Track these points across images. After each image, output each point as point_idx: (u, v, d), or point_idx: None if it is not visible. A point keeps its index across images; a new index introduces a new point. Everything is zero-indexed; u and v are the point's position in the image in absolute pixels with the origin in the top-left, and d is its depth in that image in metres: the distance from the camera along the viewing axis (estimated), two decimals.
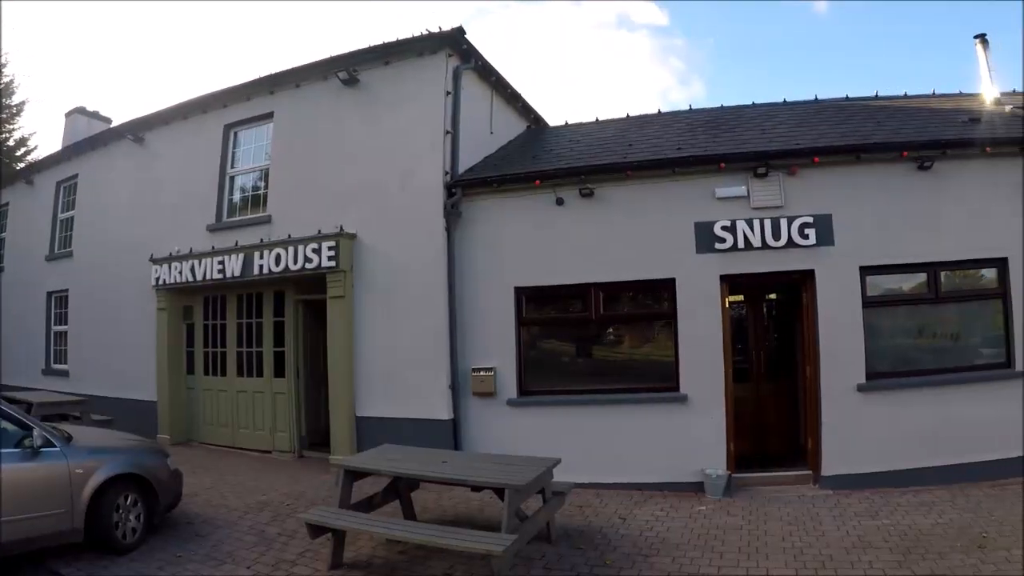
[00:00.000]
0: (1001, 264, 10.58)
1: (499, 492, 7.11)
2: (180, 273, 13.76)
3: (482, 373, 10.90)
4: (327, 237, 11.75)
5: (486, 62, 12.64)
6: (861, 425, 10.08)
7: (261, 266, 12.42)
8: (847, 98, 14.13)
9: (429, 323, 11.09)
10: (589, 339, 11.17)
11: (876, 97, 14.18)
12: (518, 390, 10.90)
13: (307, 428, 13.14)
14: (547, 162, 11.83)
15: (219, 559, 7.51)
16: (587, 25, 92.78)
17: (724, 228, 10.27)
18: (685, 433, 10.16)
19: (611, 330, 11.35)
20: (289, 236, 12.20)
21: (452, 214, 11.14)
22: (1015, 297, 10.49)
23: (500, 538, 6.43)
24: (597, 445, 10.31)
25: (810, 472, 10.37)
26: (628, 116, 14.63)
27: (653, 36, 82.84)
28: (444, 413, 10.96)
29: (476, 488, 8.16)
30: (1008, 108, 12.76)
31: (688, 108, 14.59)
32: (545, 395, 10.84)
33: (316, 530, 7.18)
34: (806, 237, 10.18)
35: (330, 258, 11.66)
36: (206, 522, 8.80)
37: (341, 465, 7.88)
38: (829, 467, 10.08)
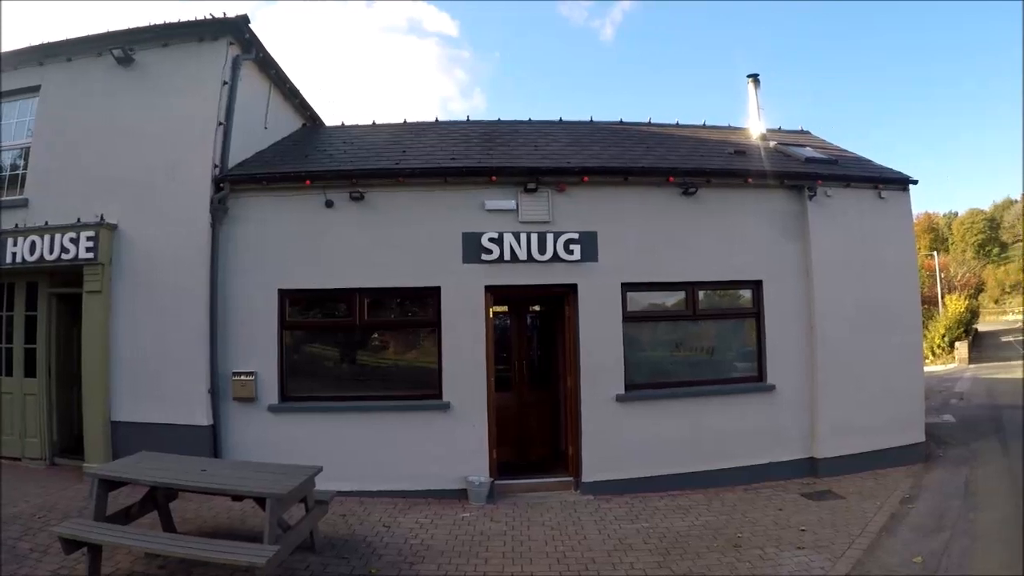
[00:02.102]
0: (756, 286, 11.65)
1: (260, 502, 6.97)
2: None
3: (243, 377, 10.57)
4: (86, 227, 11.07)
5: (267, 54, 12.39)
6: (620, 433, 10.69)
7: (14, 254, 11.54)
8: (621, 122, 15.00)
9: (191, 323, 10.65)
10: (354, 345, 11.13)
11: (649, 123, 15.12)
12: (280, 396, 10.66)
13: (60, 433, 12.29)
14: (319, 162, 11.73)
15: None
16: (377, 27, 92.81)
17: (492, 240, 10.58)
18: (448, 441, 10.36)
19: (376, 336, 11.35)
20: (46, 223, 11.43)
21: (219, 210, 10.74)
22: (767, 317, 11.53)
23: (263, 549, 6.36)
24: (361, 453, 10.31)
25: (572, 478, 10.84)
26: (405, 122, 14.76)
27: (442, 45, 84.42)
28: (204, 419, 10.54)
29: (237, 497, 7.90)
30: (772, 144, 13.85)
31: (466, 119, 14.96)
32: (308, 401, 10.70)
33: (70, 545, 6.73)
34: (571, 253, 10.71)
35: (88, 249, 10.97)
36: None
37: (95, 474, 7.42)
38: (590, 473, 10.60)
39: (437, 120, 14.90)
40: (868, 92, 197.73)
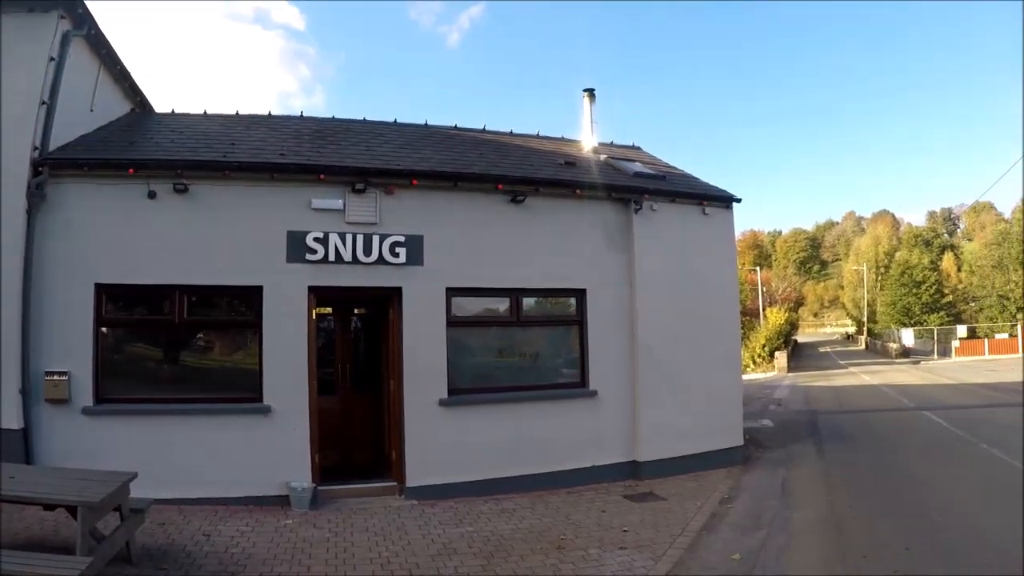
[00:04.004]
0: (580, 294, 11.96)
1: (72, 511, 6.54)
2: None
3: (56, 377, 9.78)
4: None
5: (100, 32, 11.50)
6: (444, 438, 10.69)
7: None
8: (455, 127, 15.12)
9: (2, 317, 9.80)
10: (176, 345, 10.65)
11: (483, 130, 15.29)
12: (95, 397, 9.93)
13: None
14: (145, 150, 11.14)
15: None
16: (221, 14, 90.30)
17: (317, 239, 10.31)
18: (270, 445, 9.98)
19: (200, 336, 10.92)
20: None
21: (36, 195, 9.88)
22: (590, 324, 11.84)
23: (75, 561, 5.97)
24: (181, 458, 9.74)
25: (396, 483, 10.72)
26: (238, 114, 14.32)
27: (288, 39, 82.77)
28: (14, 422, 9.66)
29: (49, 507, 7.34)
30: (603, 157, 14.26)
31: (299, 115, 14.58)
32: (125, 403, 10.04)
33: None
34: (397, 255, 10.60)
35: None
36: None
37: None
38: (414, 478, 10.52)
39: (270, 114, 14.47)
40: (708, 114, 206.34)
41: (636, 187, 12.52)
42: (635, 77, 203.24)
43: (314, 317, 10.54)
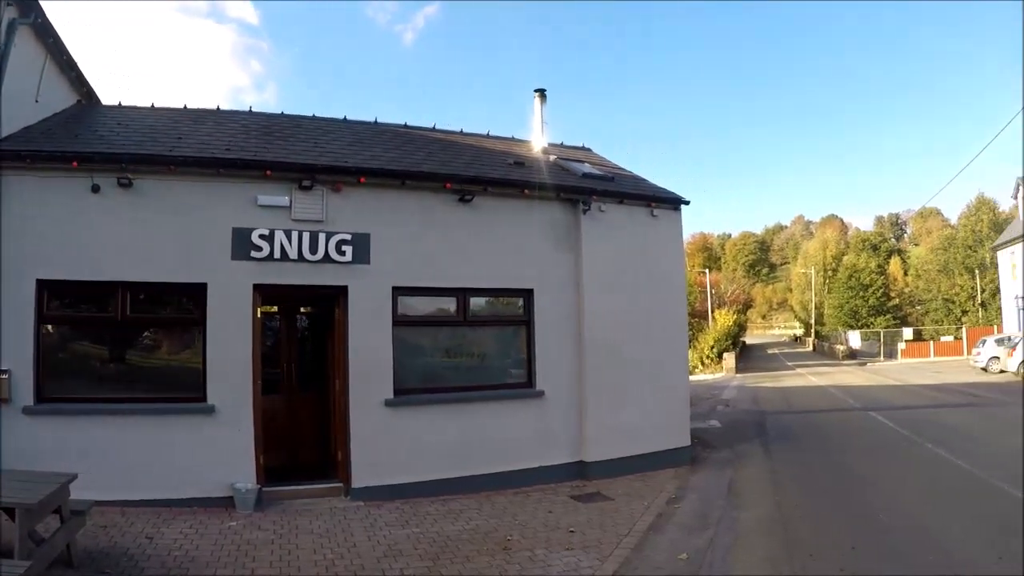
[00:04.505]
0: (527, 295, 12.04)
1: (10, 512, 6.40)
2: None
3: None
4: None
5: (47, 20, 11.26)
6: (390, 438, 10.67)
7: None
8: (405, 125, 15.13)
9: None
10: (120, 343, 10.46)
11: (433, 129, 15.33)
12: (36, 396, 9.70)
13: None
14: (90, 143, 10.90)
15: None
16: (173, 7, 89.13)
17: (262, 237, 10.19)
18: (214, 446, 9.84)
19: (145, 334, 10.76)
20: None
21: None
22: (538, 325, 11.93)
23: (14, 565, 5.86)
24: (123, 459, 9.56)
25: (341, 484, 10.66)
26: (186, 107, 13.96)
27: (241, 33, 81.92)
28: None
29: None
30: (552, 158, 14.35)
31: (248, 110, 14.44)
32: (67, 403, 9.83)
33: None
34: (343, 254, 10.55)
35: None
36: None
37: None
38: (359, 479, 10.47)
39: (218, 108, 14.24)
40: (660, 118, 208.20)
41: (585, 188, 12.62)
42: (588, 79, 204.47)
43: (259, 316, 10.46)
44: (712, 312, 58.23)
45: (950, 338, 58.88)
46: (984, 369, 35.23)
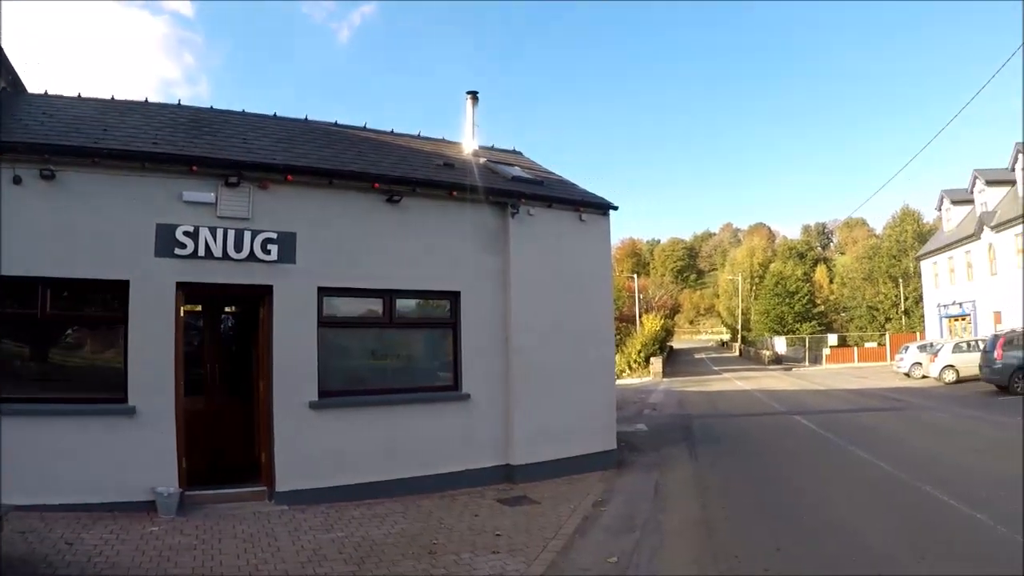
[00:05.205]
0: (454, 297, 12.16)
1: None
2: None
3: None
4: None
5: None
6: (315, 441, 10.62)
7: None
8: (336, 123, 15.13)
9: None
10: (40, 341, 10.20)
11: (364, 128, 15.33)
12: None
13: None
14: (11, 133, 10.46)
15: None
16: None
17: (187, 233, 10.03)
18: (135, 448, 9.59)
19: (67, 333, 10.54)
20: None
21: None
22: (464, 327, 12.06)
23: None
24: (43, 462, 9.24)
25: (265, 488, 10.56)
26: (113, 99, 13.47)
27: (175, 25, 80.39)
28: None
29: None
30: (483, 160, 14.50)
31: (177, 103, 14.11)
32: None
33: None
34: (268, 252, 10.45)
35: None
36: None
37: None
38: (284, 483, 10.38)
39: (147, 101, 13.89)
40: (591, 125, 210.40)
41: (513, 191, 12.81)
42: (523, 83, 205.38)
43: (183, 315, 10.33)
44: (640, 317, 58.90)
45: (874, 344, 60.50)
46: (907, 374, 36.32)
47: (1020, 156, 35.89)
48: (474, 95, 15.66)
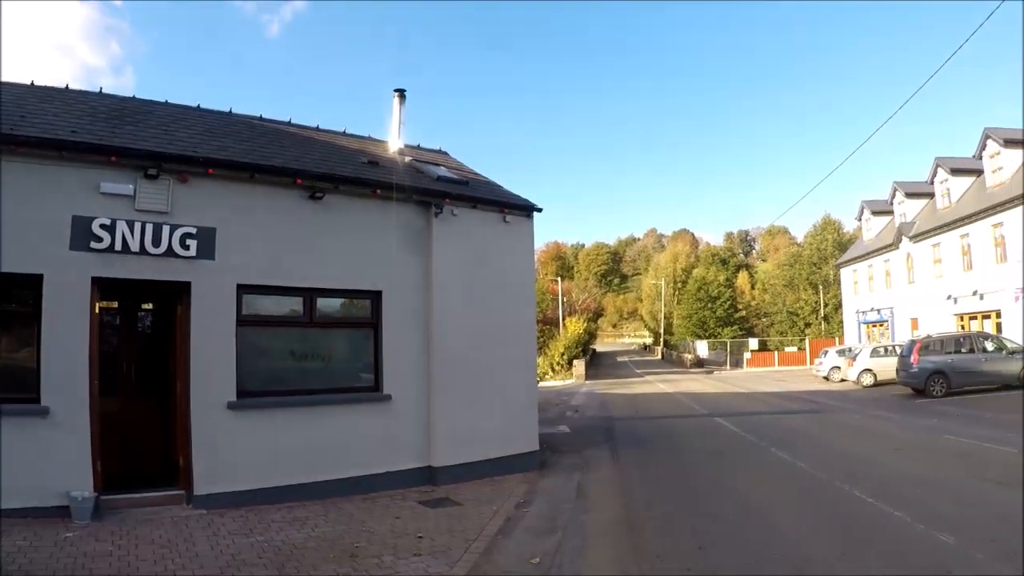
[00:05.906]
0: (376, 296, 12.20)
1: None
2: None
3: None
4: None
5: None
6: (233, 443, 10.50)
7: None
8: (260, 117, 15.03)
9: None
10: None
11: (289, 123, 15.27)
12: None
13: None
14: None
15: None
16: None
17: (103, 227, 9.76)
18: (48, 451, 9.29)
19: None
20: None
21: None
22: (386, 327, 12.11)
23: None
24: None
25: (183, 492, 10.38)
26: (33, 84, 12.94)
27: (102, 13, 78.28)
28: None
29: None
30: (408, 159, 14.57)
31: (99, 91, 13.76)
32: None
33: None
34: (187, 248, 10.26)
35: None
36: None
37: None
38: (202, 486, 10.22)
39: (67, 87, 13.52)
40: (522, 127, 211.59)
41: (438, 191, 12.90)
42: (451, 83, 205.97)
43: (98, 312, 10.03)
44: (563, 320, 59.55)
45: (794, 349, 62.35)
46: (826, 378, 37.76)
47: (939, 170, 37.53)
48: (401, 93, 15.60)
